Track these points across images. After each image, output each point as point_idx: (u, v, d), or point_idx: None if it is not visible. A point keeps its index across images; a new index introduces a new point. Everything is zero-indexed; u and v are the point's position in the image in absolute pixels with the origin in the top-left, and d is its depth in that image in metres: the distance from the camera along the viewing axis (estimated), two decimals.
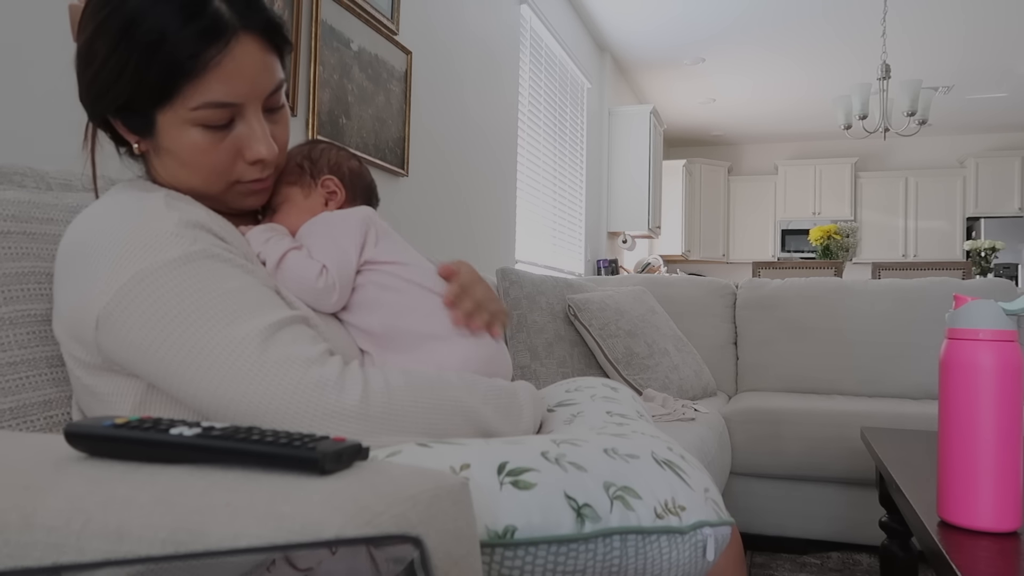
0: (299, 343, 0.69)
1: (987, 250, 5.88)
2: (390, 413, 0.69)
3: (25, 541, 0.41)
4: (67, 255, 0.75)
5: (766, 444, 2.23)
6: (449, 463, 0.62)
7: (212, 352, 0.67)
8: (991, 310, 0.95)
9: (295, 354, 0.68)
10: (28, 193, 0.91)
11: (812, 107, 7.40)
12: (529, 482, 0.62)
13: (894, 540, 1.70)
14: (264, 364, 0.67)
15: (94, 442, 0.48)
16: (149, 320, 0.68)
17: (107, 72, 0.75)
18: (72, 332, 0.74)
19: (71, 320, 0.73)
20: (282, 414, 0.66)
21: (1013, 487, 0.93)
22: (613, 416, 0.90)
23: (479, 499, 0.60)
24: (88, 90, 0.78)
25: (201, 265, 0.71)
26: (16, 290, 0.83)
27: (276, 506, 0.40)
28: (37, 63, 1.40)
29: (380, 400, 0.69)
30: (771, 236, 8.78)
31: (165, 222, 0.73)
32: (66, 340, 0.76)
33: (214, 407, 0.68)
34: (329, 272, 0.83)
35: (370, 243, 0.88)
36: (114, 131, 0.83)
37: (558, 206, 4.80)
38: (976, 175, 8.12)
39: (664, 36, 5.57)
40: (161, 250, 0.71)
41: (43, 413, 0.83)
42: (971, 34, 5.38)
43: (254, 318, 0.69)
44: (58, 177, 1.01)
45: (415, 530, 0.42)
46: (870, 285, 2.74)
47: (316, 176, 0.95)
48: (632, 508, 0.66)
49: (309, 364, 0.68)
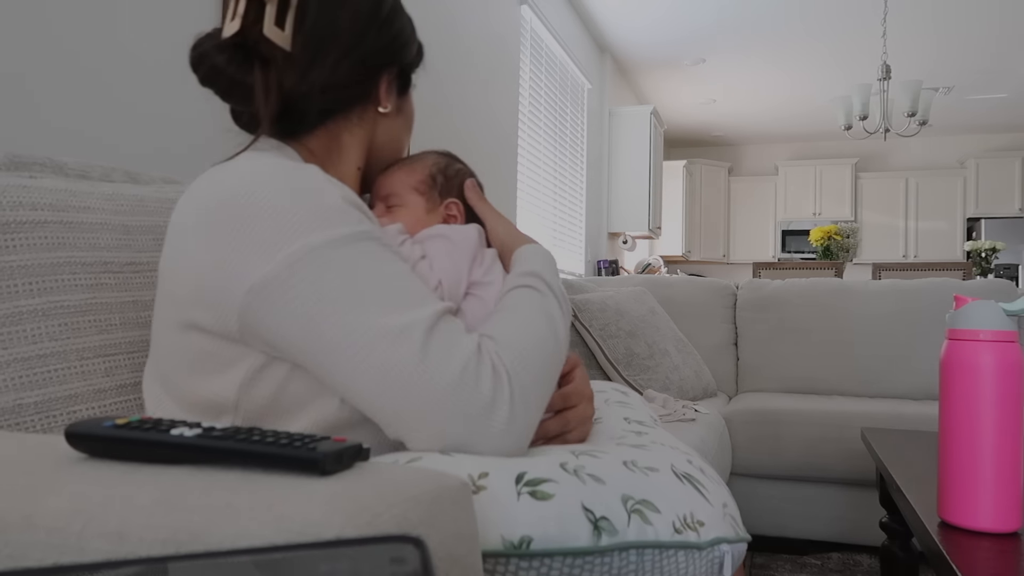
0: (453, 336, 0.67)
1: (987, 251, 5.88)
2: (525, 378, 0.69)
3: (25, 541, 0.41)
4: (209, 211, 0.69)
5: (766, 444, 2.23)
6: (468, 471, 0.62)
7: (374, 338, 0.64)
8: (991, 311, 0.95)
9: (452, 350, 0.66)
10: (65, 181, 0.90)
11: (812, 108, 7.40)
12: (547, 493, 0.62)
13: (894, 541, 1.70)
14: (425, 360, 0.64)
15: (94, 442, 0.48)
16: (313, 295, 0.65)
17: (409, 29, 0.87)
18: (202, 295, 0.68)
19: (205, 282, 0.68)
20: (435, 411, 0.64)
21: (1013, 488, 0.93)
22: (631, 423, 0.89)
23: (496, 508, 0.60)
24: (393, 41, 0.85)
25: (366, 247, 0.68)
26: (50, 281, 0.82)
27: (277, 507, 0.40)
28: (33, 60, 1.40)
29: (518, 382, 0.68)
30: (771, 237, 8.78)
31: (332, 196, 0.70)
32: (187, 303, 0.69)
33: (362, 394, 0.66)
34: (443, 289, 0.81)
35: (476, 264, 0.87)
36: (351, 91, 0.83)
37: (558, 207, 4.80)
38: (976, 176, 8.12)
39: (664, 36, 5.57)
40: (330, 225, 0.67)
41: (66, 408, 0.81)
42: (971, 34, 5.38)
43: (414, 308, 0.67)
44: (76, 168, 0.99)
45: (416, 531, 0.42)
46: (870, 286, 2.75)
47: (444, 196, 0.93)
48: (650, 522, 0.65)
49: (465, 363, 0.65)
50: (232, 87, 0.79)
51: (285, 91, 0.78)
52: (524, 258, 0.85)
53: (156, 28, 1.67)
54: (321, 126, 0.83)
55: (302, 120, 0.81)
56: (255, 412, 0.71)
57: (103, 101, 1.54)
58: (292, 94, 0.79)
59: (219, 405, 0.71)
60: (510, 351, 0.69)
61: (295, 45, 0.77)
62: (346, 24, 0.80)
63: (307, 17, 0.78)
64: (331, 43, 0.79)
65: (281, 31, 0.76)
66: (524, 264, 0.83)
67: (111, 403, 0.87)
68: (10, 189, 0.83)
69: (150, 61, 1.65)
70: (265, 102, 0.77)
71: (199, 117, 1.77)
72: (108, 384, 0.87)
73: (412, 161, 0.95)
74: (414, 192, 0.92)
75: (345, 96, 0.83)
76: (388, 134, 0.90)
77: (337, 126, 0.84)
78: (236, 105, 0.82)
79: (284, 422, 0.71)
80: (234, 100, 0.81)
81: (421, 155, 0.96)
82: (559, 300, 0.80)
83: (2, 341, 0.78)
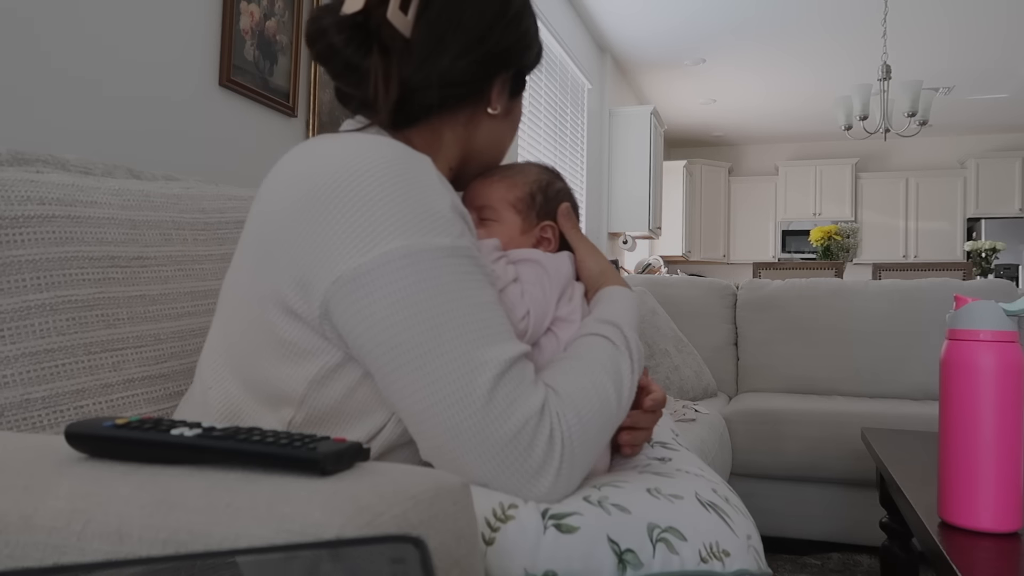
0: (522, 387, 0.64)
1: (988, 251, 5.88)
2: (579, 446, 0.66)
3: (26, 542, 0.41)
4: (317, 185, 0.65)
5: (766, 445, 2.23)
6: (492, 504, 0.61)
7: (443, 365, 0.61)
8: (992, 311, 0.95)
9: (515, 404, 0.63)
10: (72, 176, 0.89)
11: (813, 108, 7.40)
12: (572, 526, 0.61)
13: (895, 541, 1.70)
14: (487, 408, 0.62)
15: (94, 442, 0.48)
16: (397, 302, 0.61)
17: (534, 30, 0.84)
18: (295, 273, 0.65)
19: (299, 260, 0.64)
20: (480, 462, 0.62)
21: (1013, 488, 0.93)
22: (654, 447, 0.88)
23: (522, 542, 0.59)
24: (517, 42, 0.81)
25: (462, 264, 0.65)
26: (58, 275, 0.82)
27: (277, 507, 0.40)
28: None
29: (571, 448, 0.65)
30: (771, 237, 8.77)
31: (442, 200, 0.66)
32: (285, 281, 0.66)
33: (412, 415, 0.63)
34: (529, 319, 0.78)
35: (564, 299, 0.83)
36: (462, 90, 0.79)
37: None
38: (977, 176, 8.12)
39: (665, 37, 5.57)
40: (433, 231, 0.64)
41: (74, 403, 0.81)
42: (971, 34, 5.38)
43: (494, 346, 0.63)
44: (78, 164, 0.99)
45: (416, 531, 0.42)
46: (871, 286, 2.74)
47: (540, 217, 0.89)
48: (676, 551, 0.64)
49: (525, 423, 0.62)
50: (345, 69, 0.76)
51: (400, 81, 0.75)
52: (607, 301, 0.82)
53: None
54: (424, 120, 0.79)
55: (409, 112, 0.77)
56: (318, 413, 0.68)
57: (103, 101, 1.53)
58: (407, 85, 0.75)
59: (284, 396, 0.68)
60: (572, 413, 0.66)
61: (415, 34, 0.74)
62: (471, 20, 0.77)
63: (432, 6, 0.75)
64: (453, 37, 0.76)
65: (404, 16, 0.73)
66: (607, 309, 0.80)
67: (118, 398, 0.87)
68: (18, 183, 0.83)
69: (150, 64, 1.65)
70: (385, 92, 0.74)
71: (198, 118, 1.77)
72: (115, 379, 0.87)
73: (513, 173, 0.90)
74: (511, 209, 0.88)
75: (457, 93, 0.78)
76: (491, 136, 0.85)
77: (441, 122, 0.80)
78: (346, 88, 0.79)
79: (342, 429, 0.69)
80: (345, 82, 0.78)
81: (523, 168, 0.92)
82: (632, 358, 0.76)
83: (10, 336, 0.78)
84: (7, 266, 0.79)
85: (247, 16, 1.93)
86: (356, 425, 0.68)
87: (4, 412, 0.76)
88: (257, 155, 2.01)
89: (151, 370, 0.91)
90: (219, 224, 1.08)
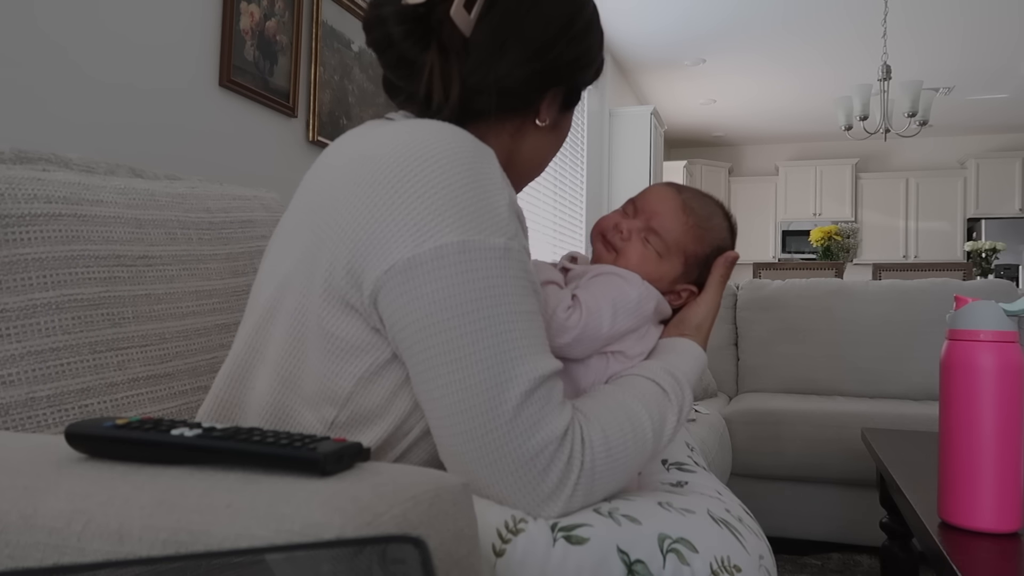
0: (548, 407, 0.62)
1: (988, 251, 5.88)
2: (598, 482, 0.65)
3: (26, 542, 0.41)
4: (380, 167, 0.64)
5: (767, 445, 2.23)
6: (504, 516, 0.61)
7: (476, 372, 0.60)
8: (992, 311, 0.95)
9: (539, 424, 0.62)
10: (77, 175, 0.89)
11: (813, 108, 7.40)
12: (582, 537, 0.61)
13: (895, 541, 1.70)
14: (512, 423, 0.61)
15: (95, 442, 0.48)
16: (443, 299, 0.60)
17: (597, 47, 0.81)
18: (352, 262, 0.63)
19: (361, 249, 0.63)
20: (494, 475, 0.61)
21: (1014, 488, 0.93)
22: (670, 469, 0.87)
23: (532, 553, 0.59)
24: (578, 59, 0.79)
25: (512, 268, 0.63)
26: (64, 274, 0.82)
27: (277, 507, 0.40)
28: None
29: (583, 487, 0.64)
30: (772, 237, 8.78)
31: (501, 197, 0.64)
32: (338, 268, 0.64)
33: (436, 415, 0.62)
34: (580, 313, 0.76)
35: (636, 335, 0.81)
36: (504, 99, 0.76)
37: (558, 207, 4.80)
38: (977, 176, 8.12)
39: (665, 37, 5.57)
40: (491, 229, 0.62)
41: (79, 402, 0.81)
42: (971, 35, 5.38)
43: (528, 359, 0.62)
44: (81, 163, 0.99)
45: (416, 531, 0.42)
46: (871, 286, 2.75)
47: (696, 277, 0.88)
48: (687, 562, 0.63)
49: (544, 445, 0.61)
50: (400, 62, 0.74)
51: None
52: (680, 352, 0.81)
53: None
54: (471, 124, 0.76)
55: (460, 115, 0.74)
56: (360, 413, 0.66)
57: (103, 100, 1.53)
58: (463, 87, 0.73)
59: (328, 395, 0.66)
60: (600, 445, 0.64)
61: (476, 35, 0.72)
62: (535, 29, 0.74)
63: (496, 9, 0.73)
64: (514, 44, 0.73)
65: (468, 15, 0.71)
66: (676, 360, 0.79)
67: (123, 397, 0.86)
68: (24, 182, 0.83)
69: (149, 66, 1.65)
70: (443, 90, 0.72)
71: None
72: (120, 378, 0.86)
73: (705, 221, 0.88)
74: (681, 257, 0.86)
75: (509, 101, 0.76)
76: (535, 149, 0.82)
77: (488, 128, 0.77)
78: (397, 80, 0.76)
79: (381, 431, 0.67)
80: (397, 75, 0.75)
81: (714, 219, 0.89)
82: (679, 413, 0.75)
83: (16, 334, 0.78)
84: (13, 264, 0.79)
85: (247, 16, 1.93)
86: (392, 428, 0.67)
87: (9, 411, 0.75)
88: (257, 155, 2.01)
89: (156, 369, 0.91)
90: (224, 224, 1.08)
